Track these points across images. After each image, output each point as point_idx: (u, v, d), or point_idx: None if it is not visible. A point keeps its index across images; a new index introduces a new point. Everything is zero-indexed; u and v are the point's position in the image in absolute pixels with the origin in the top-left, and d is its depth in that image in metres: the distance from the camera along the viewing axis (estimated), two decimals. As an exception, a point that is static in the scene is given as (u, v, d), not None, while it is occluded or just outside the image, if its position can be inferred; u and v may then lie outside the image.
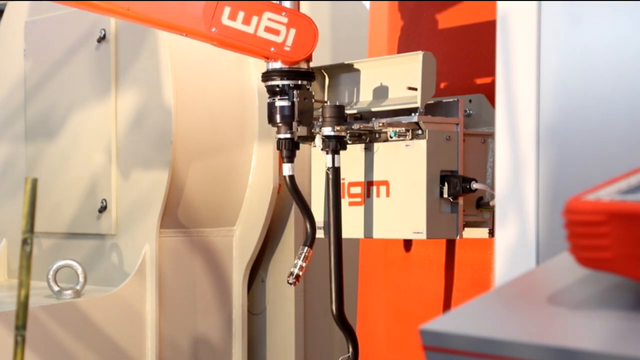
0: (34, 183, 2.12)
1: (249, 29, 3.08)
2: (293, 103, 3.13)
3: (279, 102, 3.13)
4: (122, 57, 3.91)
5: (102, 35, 3.94)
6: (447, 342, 1.45)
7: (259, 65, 3.96)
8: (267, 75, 3.16)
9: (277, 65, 3.15)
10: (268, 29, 3.10)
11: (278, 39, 3.10)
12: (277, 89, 3.14)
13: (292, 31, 3.10)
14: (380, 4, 3.53)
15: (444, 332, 1.46)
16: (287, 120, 3.13)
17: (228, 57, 3.94)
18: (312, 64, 3.18)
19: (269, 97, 3.17)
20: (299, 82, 3.13)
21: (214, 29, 3.07)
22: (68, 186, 4.08)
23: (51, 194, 4.12)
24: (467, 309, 1.56)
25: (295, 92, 3.13)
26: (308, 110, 3.13)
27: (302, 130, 3.13)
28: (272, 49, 3.11)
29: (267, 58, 3.16)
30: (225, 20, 3.07)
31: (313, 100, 3.15)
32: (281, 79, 3.13)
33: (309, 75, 3.15)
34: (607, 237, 1.46)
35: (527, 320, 1.50)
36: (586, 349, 1.35)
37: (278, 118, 3.13)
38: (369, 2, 3.72)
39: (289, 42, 3.11)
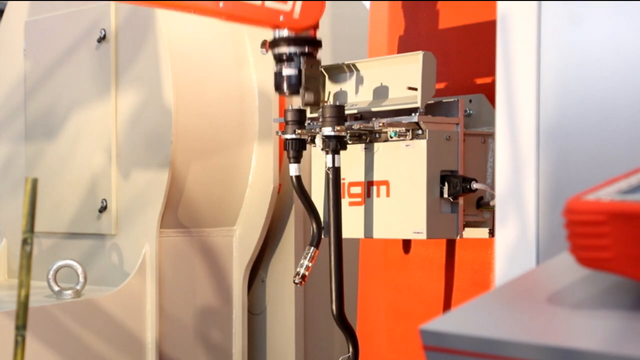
0: (34, 183, 2.12)
1: (256, 1, 3.06)
2: (300, 70, 3.12)
3: (286, 71, 3.11)
4: (122, 57, 3.91)
5: (102, 35, 3.94)
6: (447, 342, 1.45)
7: (259, 65, 3.96)
8: (273, 43, 3.13)
9: (284, 32, 3.12)
10: None
11: (286, 8, 3.07)
12: (284, 57, 3.11)
13: None
14: (380, 4, 3.53)
15: (444, 332, 1.46)
16: (294, 89, 3.10)
17: (228, 57, 3.94)
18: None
19: (276, 65, 3.14)
20: (306, 49, 3.11)
21: (221, 4, 3.04)
22: (68, 186, 4.08)
23: (51, 194, 4.12)
24: (467, 309, 1.56)
25: (301, 59, 3.11)
26: (315, 77, 3.10)
27: (309, 97, 3.10)
28: (281, 18, 3.07)
29: (276, 27, 3.12)
30: None
31: (320, 67, 3.13)
32: (288, 47, 3.11)
33: (316, 42, 3.12)
34: (607, 237, 1.46)
35: (527, 320, 1.50)
36: (586, 349, 1.35)
37: (285, 86, 3.11)
38: (369, 2, 3.72)
39: (297, 9, 3.08)
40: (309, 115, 3.26)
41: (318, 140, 3.16)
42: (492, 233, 3.12)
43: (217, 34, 3.95)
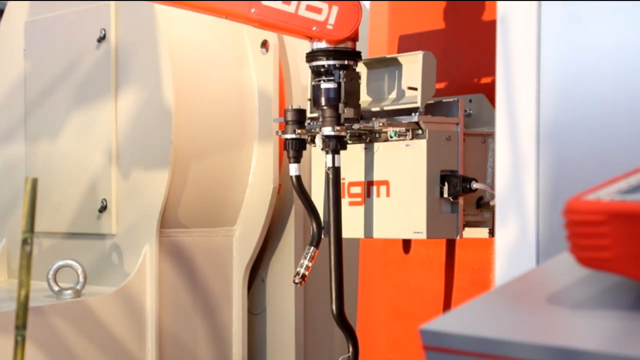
0: (34, 183, 2.12)
1: (290, 9, 2.97)
2: (339, 84, 3.04)
3: (325, 85, 3.03)
4: (122, 57, 3.91)
5: (102, 35, 3.94)
6: (447, 342, 1.45)
7: (259, 65, 3.96)
8: (311, 56, 3.07)
9: (322, 44, 3.05)
10: (309, 8, 2.99)
11: (320, 18, 2.99)
12: (322, 70, 3.05)
13: (335, 9, 2.99)
14: (380, 4, 3.53)
15: (444, 332, 1.46)
16: (333, 103, 3.03)
17: (228, 57, 3.94)
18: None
19: (314, 79, 3.08)
20: (345, 62, 3.05)
21: (253, 10, 2.97)
22: (68, 186, 4.08)
23: (51, 194, 4.12)
24: (467, 309, 1.56)
25: (341, 72, 3.04)
26: (355, 92, 3.04)
27: (348, 112, 3.03)
28: (314, 29, 2.99)
29: (311, 38, 3.06)
30: (264, 0, 2.98)
31: (359, 80, 3.06)
32: (326, 59, 3.05)
33: (355, 54, 3.07)
34: (607, 237, 1.46)
35: (527, 320, 1.50)
36: (586, 349, 1.35)
37: (323, 101, 3.05)
38: (369, 2, 3.71)
39: (332, 20, 2.99)
40: (308, 115, 3.26)
41: (318, 140, 3.16)
42: (492, 233, 3.12)
43: (217, 34, 3.95)
